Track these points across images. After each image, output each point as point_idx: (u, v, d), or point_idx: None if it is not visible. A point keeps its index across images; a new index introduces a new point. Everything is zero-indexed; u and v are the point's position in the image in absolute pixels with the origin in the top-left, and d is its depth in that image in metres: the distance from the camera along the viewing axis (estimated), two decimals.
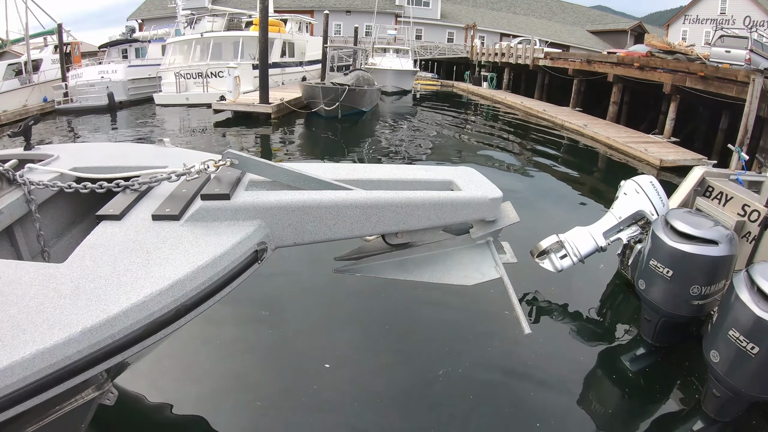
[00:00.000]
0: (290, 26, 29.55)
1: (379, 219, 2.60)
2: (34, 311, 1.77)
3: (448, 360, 4.19)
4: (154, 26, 35.82)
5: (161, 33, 29.23)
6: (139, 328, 1.87)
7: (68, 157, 3.17)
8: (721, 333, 3.32)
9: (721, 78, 12.94)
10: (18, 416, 1.71)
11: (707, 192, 5.19)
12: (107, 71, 23.05)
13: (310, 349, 4.35)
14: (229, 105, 18.53)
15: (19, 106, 19.97)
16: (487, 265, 2.97)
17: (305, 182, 2.63)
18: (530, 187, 10.49)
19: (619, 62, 18.23)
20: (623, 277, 5.60)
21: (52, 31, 24.80)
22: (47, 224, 3.04)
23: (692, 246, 3.84)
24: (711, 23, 36.82)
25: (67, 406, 2.37)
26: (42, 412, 2.27)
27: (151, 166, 2.87)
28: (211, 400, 3.73)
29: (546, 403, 3.84)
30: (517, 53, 28.98)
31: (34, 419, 2.26)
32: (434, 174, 3.09)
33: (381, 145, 15.44)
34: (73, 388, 1.96)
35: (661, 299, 4.08)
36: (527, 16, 54.60)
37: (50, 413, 2.31)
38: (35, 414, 2.23)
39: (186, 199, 2.49)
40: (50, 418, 2.32)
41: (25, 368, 1.61)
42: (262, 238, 2.37)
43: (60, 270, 2.00)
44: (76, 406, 2.41)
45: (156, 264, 2.05)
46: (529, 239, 5.25)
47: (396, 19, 44.49)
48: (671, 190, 5.39)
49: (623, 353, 4.50)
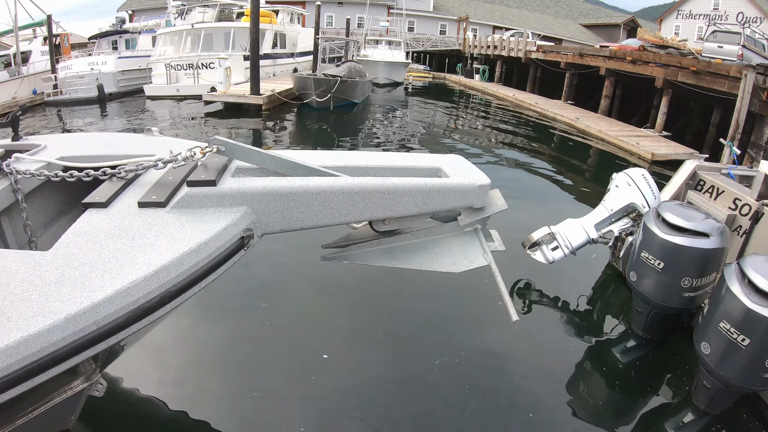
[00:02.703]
0: (282, 17, 29.36)
1: (365, 205, 2.60)
2: (19, 299, 1.77)
3: (444, 349, 4.20)
4: (144, 17, 35.55)
5: (152, 24, 28.99)
6: (124, 314, 1.87)
7: (55, 146, 3.15)
8: (712, 325, 3.33)
9: (713, 73, 13.00)
10: (7, 406, 1.71)
11: (699, 186, 5.19)
12: (97, 63, 22.79)
13: (307, 339, 4.34)
14: (220, 96, 18.40)
15: (9, 98, 19.76)
16: (475, 253, 2.97)
17: (292, 169, 2.62)
18: (521, 179, 10.49)
19: (611, 56, 18.27)
20: (614, 269, 5.61)
21: (41, 23, 24.49)
22: (34, 214, 3.02)
23: (684, 238, 3.84)
24: (704, 18, 36.90)
25: (56, 397, 2.38)
26: (32, 403, 2.26)
27: (139, 154, 2.84)
28: (205, 391, 3.71)
29: (538, 393, 3.86)
30: (510, 46, 28.96)
31: (24, 410, 2.25)
32: (422, 161, 3.08)
33: (372, 136, 15.43)
34: (61, 379, 1.96)
35: (652, 291, 4.09)
36: (520, 9, 54.61)
37: (40, 405, 2.31)
38: (25, 405, 2.22)
39: (172, 186, 2.48)
40: (40, 410, 2.32)
41: (9, 355, 1.61)
42: (248, 224, 2.36)
43: (45, 257, 2.00)
44: (65, 398, 2.42)
45: (141, 251, 2.04)
46: (520, 231, 5.25)
47: (388, 10, 44.42)
48: (663, 183, 5.39)
49: (614, 345, 4.52)
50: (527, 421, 3.55)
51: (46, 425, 2.53)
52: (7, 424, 2.21)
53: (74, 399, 2.51)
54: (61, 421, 2.65)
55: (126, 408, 3.51)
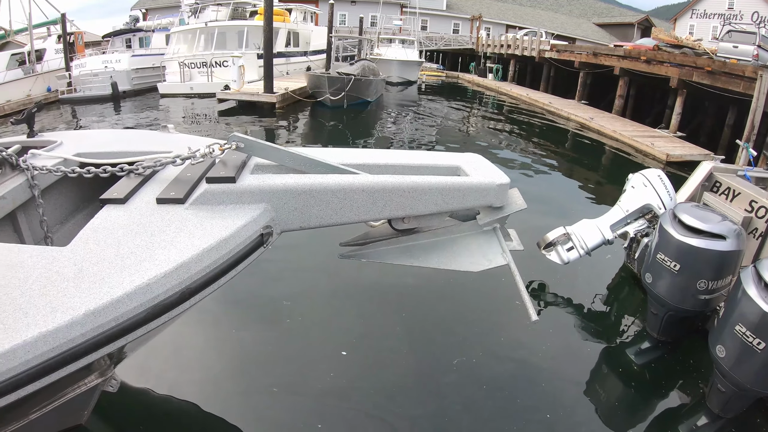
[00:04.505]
0: (295, 16, 29.42)
1: (386, 203, 2.60)
2: (37, 294, 1.76)
3: (462, 349, 4.21)
4: (158, 16, 35.72)
5: (165, 22, 29.15)
6: (144, 311, 1.86)
7: (71, 143, 3.15)
8: (727, 328, 3.32)
9: (728, 73, 12.85)
10: (21, 401, 1.70)
11: (715, 187, 5.17)
12: (111, 61, 22.96)
13: (325, 336, 4.37)
14: (233, 94, 18.49)
15: (23, 95, 19.94)
16: (493, 252, 2.97)
17: (311, 166, 2.62)
18: (536, 179, 10.45)
19: (625, 55, 18.09)
20: (629, 270, 5.59)
21: (55, 21, 24.73)
22: (50, 210, 3.03)
23: (700, 240, 3.83)
24: (719, 18, 36.47)
25: (70, 392, 2.38)
26: (45, 398, 2.27)
27: (155, 151, 2.85)
28: (221, 387, 3.73)
29: (555, 394, 3.86)
30: (523, 45, 28.79)
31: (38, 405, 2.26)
32: (441, 159, 3.08)
33: (386, 135, 15.43)
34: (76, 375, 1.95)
35: (667, 293, 4.08)
36: (533, 8, 54.32)
37: (53, 399, 2.31)
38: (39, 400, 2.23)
39: (191, 183, 2.48)
40: (54, 405, 2.32)
41: (27, 351, 1.60)
42: (267, 221, 2.36)
43: (63, 253, 1.99)
44: (79, 393, 2.42)
45: (160, 247, 2.03)
46: (535, 231, 5.24)
47: (401, 9, 44.32)
48: (678, 184, 5.36)
49: (628, 347, 4.51)
50: (544, 422, 3.55)
51: (59, 420, 2.54)
52: (20, 418, 2.21)
53: (88, 394, 2.52)
54: (74, 415, 2.67)
55: (140, 404, 3.52)
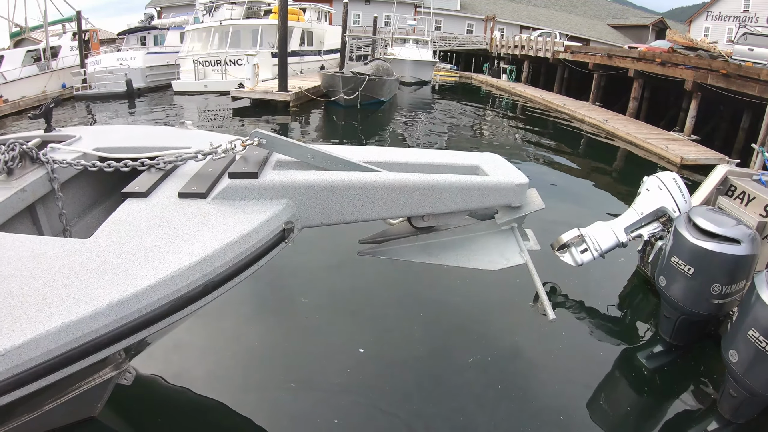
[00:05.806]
0: (309, 15, 29.52)
1: (406, 201, 2.61)
2: (60, 285, 1.78)
3: (477, 348, 4.22)
4: (172, 14, 35.94)
5: (180, 20, 29.27)
6: (167, 303, 1.87)
7: (90, 138, 3.19)
8: (740, 333, 3.31)
9: (743, 76, 12.73)
10: (38, 392, 1.72)
11: (730, 191, 5.14)
12: (126, 58, 23.20)
13: (343, 333, 4.40)
14: (247, 93, 18.58)
15: (38, 92, 20.22)
16: (511, 251, 2.99)
17: (332, 163, 2.64)
18: (550, 180, 10.40)
19: (640, 57, 17.97)
20: (643, 273, 5.57)
21: (70, 18, 25.02)
22: (69, 203, 3.06)
23: (715, 244, 3.81)
24: (734, 20, 36.17)
25: (84, 384, 2.40)
26: (61, 389, 2.30)
27: (174, 146, 2.88)
28: (238, 382, 3.76)
29: (568, 395, 3.86)
30: (537, 46, 28.64)
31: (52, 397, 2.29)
32: (460, 159, 3.10)
33: (400, 134, 15.45)
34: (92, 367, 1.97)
35: (681, 297, 4.06)
36: (548, 9, 54.06)
37: (68, 391, 2.34)
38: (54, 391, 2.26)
39: (213, 178, 2.50)
40: (67, 397, 2.35)
41: (50, 341, 1.62)
42: (289, 217, 2.37)
43: (86, 245, 2.01)
44: (93, 385, 2.44)
45: (183, 240, 2.05)
46: (549, 232, 5.23)
47: (415, 9, 44.30)
48: (693, 188, 5.33)
49: (640, 350, 4.49)
50: (557, 424, 3.55)
51: (72, 411, 2.57)
52: (34, 409, 2.24)
53: (102, 387, 2.55)
54: (87, 408, 2.69)
55: (154, 397, 3.55)
